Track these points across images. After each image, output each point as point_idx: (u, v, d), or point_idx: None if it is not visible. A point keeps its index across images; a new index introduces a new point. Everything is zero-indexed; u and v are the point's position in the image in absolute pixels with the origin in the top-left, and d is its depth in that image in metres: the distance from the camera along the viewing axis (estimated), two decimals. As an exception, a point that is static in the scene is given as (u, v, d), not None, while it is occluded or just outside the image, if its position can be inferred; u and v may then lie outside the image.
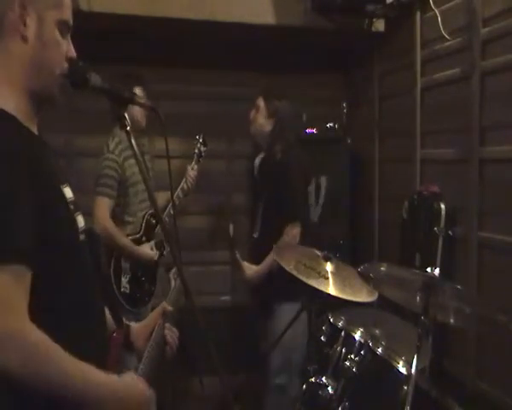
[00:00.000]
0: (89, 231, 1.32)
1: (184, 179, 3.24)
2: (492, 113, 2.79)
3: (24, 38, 1.20)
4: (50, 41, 1.23)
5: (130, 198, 3.02)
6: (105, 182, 2.92)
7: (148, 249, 3.07)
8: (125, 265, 3.02)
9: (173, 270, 1.77)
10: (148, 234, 3.11)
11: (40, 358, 1.07)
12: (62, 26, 1.26)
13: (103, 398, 1.14)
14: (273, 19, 3.54)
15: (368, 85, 4.15)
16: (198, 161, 3.36)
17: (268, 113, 3.09)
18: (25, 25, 1.19)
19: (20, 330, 1.06)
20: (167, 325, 1.53)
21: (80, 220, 1.28)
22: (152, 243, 3.10)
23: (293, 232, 2.92)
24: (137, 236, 3.07)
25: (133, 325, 1.54)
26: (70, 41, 1.30)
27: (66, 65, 1.27)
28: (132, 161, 2.95)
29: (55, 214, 1.17)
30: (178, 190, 3.22)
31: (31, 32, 1.20)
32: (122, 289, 2.99)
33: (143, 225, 3.09)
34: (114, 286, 2.94)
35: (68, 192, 1.26)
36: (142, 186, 3.01)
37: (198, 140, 3.41)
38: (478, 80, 2.85)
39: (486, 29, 2.82)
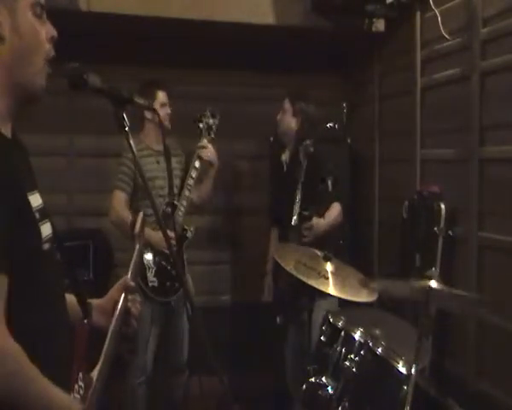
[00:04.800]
0: (54, 237, 1.28)
1: (196, 159, 3.23)
2: (492, 113, 2.79)
3: (0, 37, 1.17)
4: (27, 31, 1.20)
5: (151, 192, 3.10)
6: (120, 178, 3.16)
7: (157, 235, 2.94)
8: (148, 260, 3.10)
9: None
10: (168, 224, 3.13)
11: (16, 373, 1.08)
12: (35, 8, 1.21)
13: None
14: (273, 19, 3.54)
15: (368, 85, 4.15)
16: (209, 135, 3.31)
17: (294, 112, 3.34)
18: None
19: (1, 346, 1.06)
20: (130, 296, 1.50)
21: (46, 229, 1.24)
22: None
23: (336, 209, 3.21)
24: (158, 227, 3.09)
25: (94, 302, 1.50)
26: (46, 20, 1.25)
27: (48, 46, 1.24)
28: (148, 159, 3.19)
29: (17, 229, 1.13)
30: (190, 171, 3.23)
31: (6, 28, 1.17)
32: (150, 284, 3.09)
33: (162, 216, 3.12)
34: (141, 283, 3.03)
35: (36, 199, 1.22)
36: (158, 182, 3.16)
37: (206, 114, 3.34)
38: (478, 80, 2.85)
39: (486, 29, 2.82)
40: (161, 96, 3.22)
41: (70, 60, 1.29)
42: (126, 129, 1.32)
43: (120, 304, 1.46)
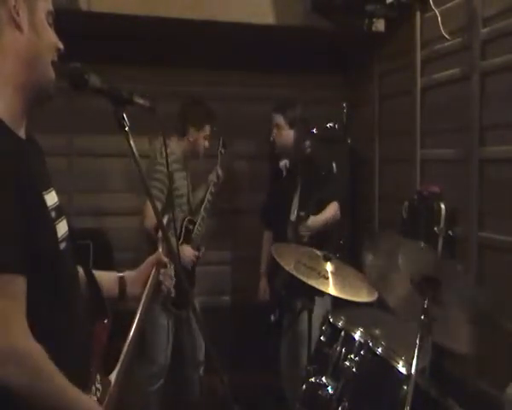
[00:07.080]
0: (70, 236, 1.30)
1: (212, 188, 3.47)
2: (492, 113, 2.79)
3: (19, 28, 1.20)
4: (43, 30, 1.24)
5: (175, 207, 3.17)
6: (156, 185, 3.07)
7: (186, 250, 3.25)
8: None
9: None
10: (188, 239, 3.32)
11: (38, 372, 1.10)
12: (49, 17, 1.27)
13: None
14: (273, 19, 3.54)
15: (368, 85, 4.15)
16: (221, 162, 3.60)
17: (290, 125, 3.31)
18: (18, 15, 1.19)
19: (24, 346, 1.08)
20: (162, 270, 1.59)
21: (62, 228, 1.26)
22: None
23: (333, 207, 3.24)
24: (179, 242, 3.18)
25: (127, 273, 1.58)
26: (54, 32, 1.30)
27: (55, 55, 1.27)
28: (180, 174, 3.20)
29: (33, 229, 1.15)
30: (208, 192, 3.47)
31: (24, 21, 1.20)
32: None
33: (183, 231, 3.27)
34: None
35: (51, 198, 1.24)
36: (184, 198, 3.23)
37: (218, 143, 3.62)
38: (478, 80, 2.85)
39: (486, 29, 2.82)
40: (208, 130, 3.29)
41: (70, 60, 1.30)
42: (126, 129, 1.32)
43: (151, 279, 1.56)
